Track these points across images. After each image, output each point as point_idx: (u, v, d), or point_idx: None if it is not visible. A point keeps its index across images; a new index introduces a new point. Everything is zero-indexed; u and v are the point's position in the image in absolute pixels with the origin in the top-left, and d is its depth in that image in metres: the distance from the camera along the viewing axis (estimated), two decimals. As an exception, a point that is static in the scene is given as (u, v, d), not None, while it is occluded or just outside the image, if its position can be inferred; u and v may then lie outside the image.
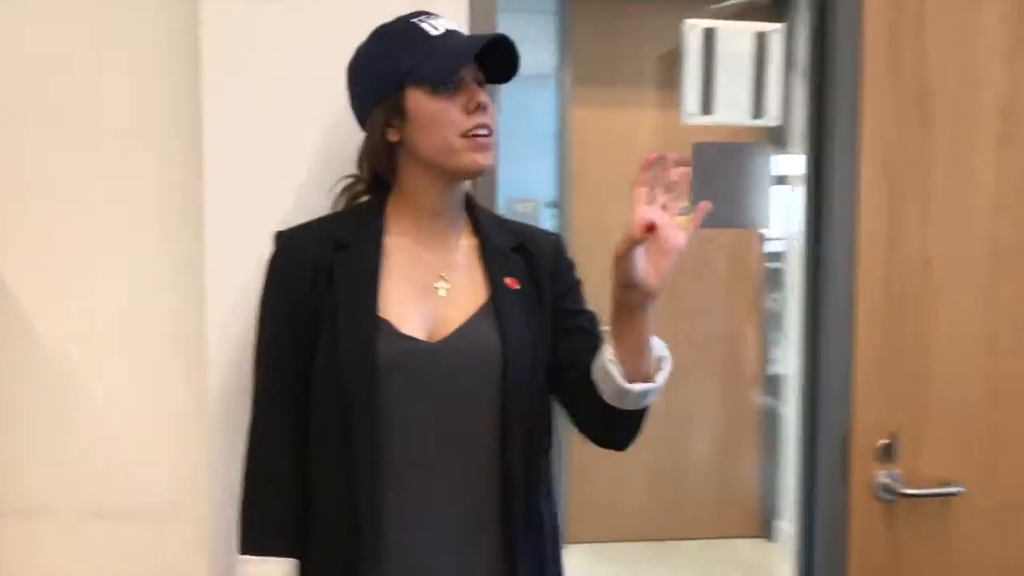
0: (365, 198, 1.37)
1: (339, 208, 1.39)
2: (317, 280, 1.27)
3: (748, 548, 4.53)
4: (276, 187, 1.51)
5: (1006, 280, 1.78)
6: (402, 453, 1.24)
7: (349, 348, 1.23)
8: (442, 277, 1.31)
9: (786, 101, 1.87)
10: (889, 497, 1.76)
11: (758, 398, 4.49)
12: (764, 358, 4.49)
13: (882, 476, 1.77)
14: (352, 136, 1.43)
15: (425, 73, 1.23)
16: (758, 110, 1.77)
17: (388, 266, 1.28)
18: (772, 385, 4.50)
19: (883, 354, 1.76)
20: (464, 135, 1.24)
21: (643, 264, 1.12)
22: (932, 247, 1.75)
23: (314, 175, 1.51)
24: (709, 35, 1.74)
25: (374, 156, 1.30)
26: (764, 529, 4.66)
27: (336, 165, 1.47)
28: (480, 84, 1.28)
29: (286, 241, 1.32)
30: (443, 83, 1.24)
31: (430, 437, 1.25)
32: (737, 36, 1.73)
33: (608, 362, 1.19)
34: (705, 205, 1.15)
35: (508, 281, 1.31)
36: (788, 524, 4.56)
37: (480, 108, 1.25)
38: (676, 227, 1.13)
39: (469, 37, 1.27)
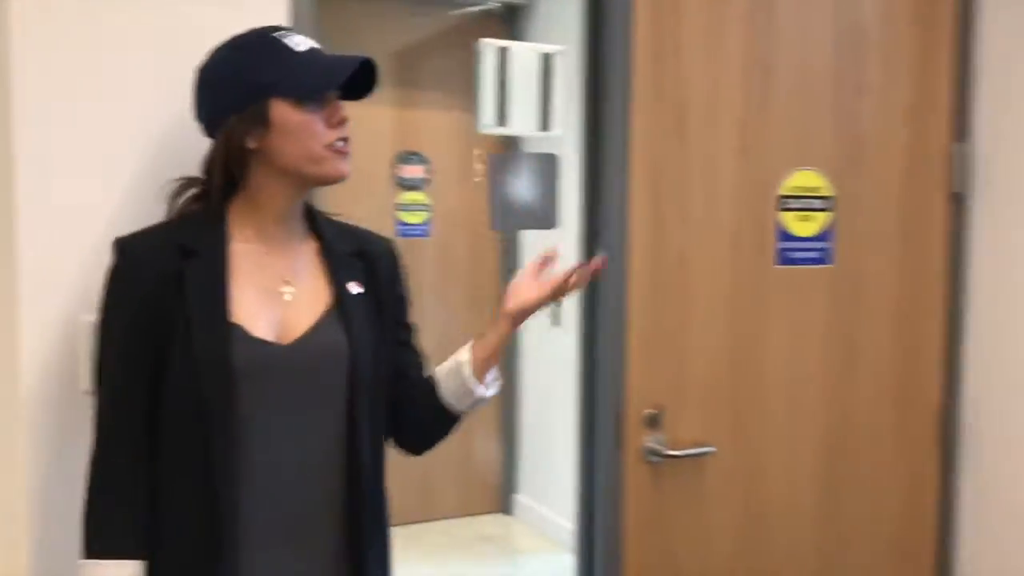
0: (193, 201, 1.40)
1: (173, 211, 1.41)
2: (165, 287, 1.29)
3: (491, 523, 4.82)
4: (96, 188, 1.50)
5: (744, 270, 2.11)
6: (257, 453, 1.31)
7: (204, 354, 1.27)
8: (287, 282, 1.38)
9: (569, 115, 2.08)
10: (656, 459, 2.03)
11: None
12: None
13: (649, 441, 2.03)
14: (178, 139, 1.46)
15: (294, 88, 1.30)
16: (545, 123, 1.97)
17: (235, 272, 1.33)
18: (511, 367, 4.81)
19: (650, 337, 2.02)
20: (327, 146, 1.33)
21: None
22: (688, 243, 2.04)
23: (138, 177, 1.51)
24: (503, 54, 1.91)
25: (229, 161, 1.33)
26: (504, 504, 4.97)
27: (160, 167, 1.49)
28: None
29: (129, 248, 1.33)
30: (311, 98, 1.31)
31: (283, 436, 1.33)
32: (526, 55, 1.91)
33: (465, 363, 1.43)
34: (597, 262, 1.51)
35: (350, 285, 1.41)
36: (525, 497, 4.90)
37: (342, 122, 1.34)
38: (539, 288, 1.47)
39: (338, 57, 1.34)
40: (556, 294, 1.46)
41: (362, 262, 1.44)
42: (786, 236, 2.12)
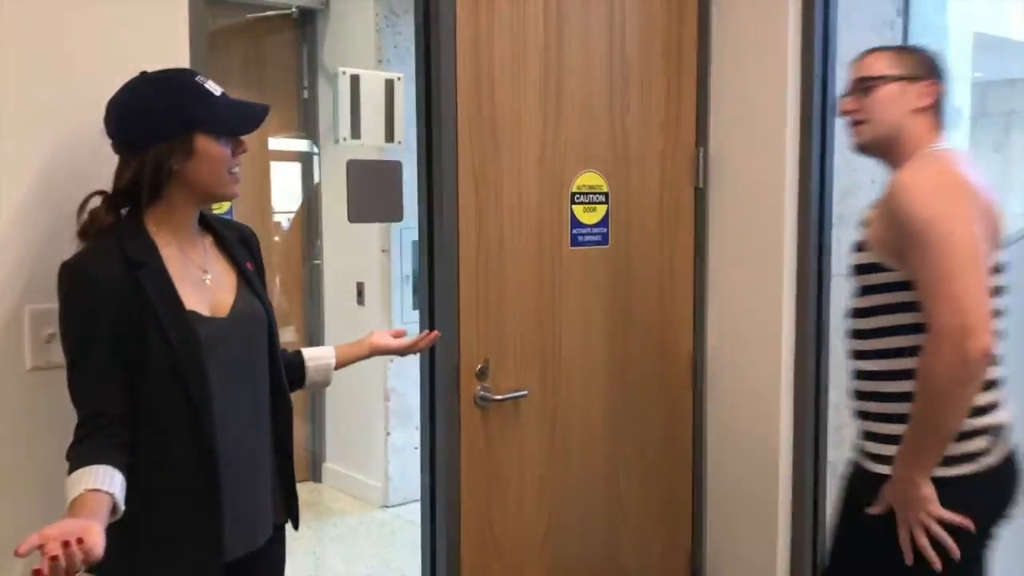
0: (107, 212, 1.65)
1: (82, 220, 1.66)
2: (124, 296, 1.57)
3: (303, 491, 5.18)
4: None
5: (547, 252, 2.67)
6: (221, 405, 1.64)
7: (177, 338, 1.59)
8: (204, 270, 1.71)
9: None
10: (484, 404, 2.55)
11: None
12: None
13: (479, 390, 2.54)
14: (60, 154, 1.76)
15: (218, 126, 1.63)
16: (390, 136, 2.42)
17: (171, 269, 1.64)
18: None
19: (477, 304, 2.54)
20: (229, 171, 1.68)
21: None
22: (503, 229, 2.57)
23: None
24: (355, 80, 2.35)
25: (151, 182, 1.61)
26: (315, 473, 5.36)
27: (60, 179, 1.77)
28: None
29: (85, 269, 1.58)
30: (230, 135, 1.66)
31: (232, 389, 1.68)
32: (374, 81, 2.36)
33: (331, 367, 2.01)
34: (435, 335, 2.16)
35: (248, 265, 1.80)
36: (333, 464, 5.31)
37: (244, 152, 1.70)
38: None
39: (247, 104, 1.70)
40: (407, 351, 2.13)
41: (244, 246, 1.82)
42: (577, 224, 2.71)
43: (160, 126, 1.61)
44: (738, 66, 2.91)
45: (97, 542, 1.33)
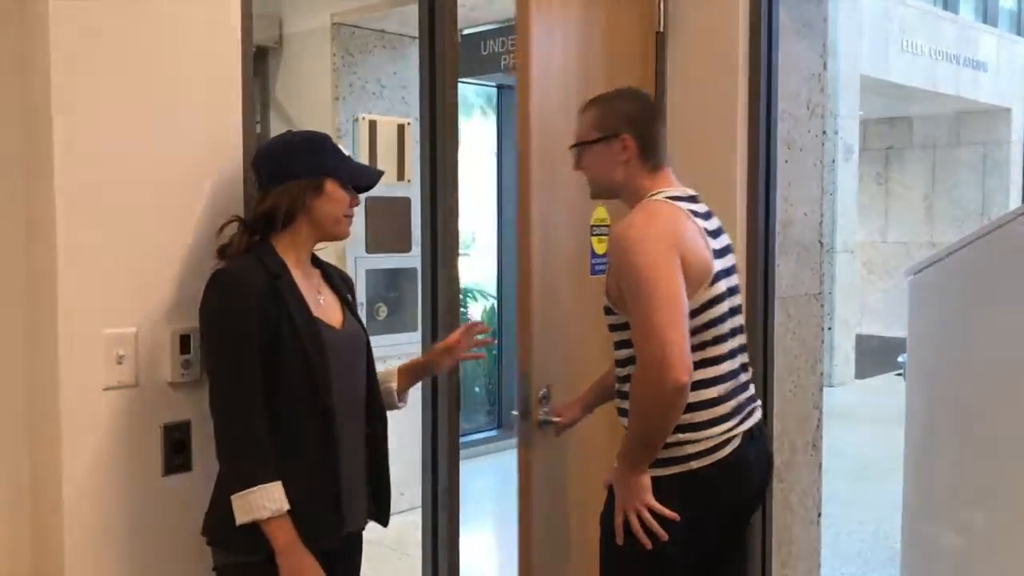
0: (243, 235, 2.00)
1: (221, 239, 1.99)
2: (266, 299, 1.90)
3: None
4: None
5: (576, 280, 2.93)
6: (336, 396, 1.96)
7: (309, 338, 1.93)
8: (319, 292, 2.05)
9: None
10: (545, 425, 2.74)
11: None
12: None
13: (543, 413, 2.75)
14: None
15: (345, 176, 2.01)
16: (401, 173, 2.68)
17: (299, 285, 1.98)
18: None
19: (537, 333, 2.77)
20: (345, 215, 2.04)
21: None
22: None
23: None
24: (373, 124, 2.60)
25: (287, 210, 1.96)
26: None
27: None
28: None
29: (238, 276, 1.90)
30: (353, 185, 2.03)
31: (344, 388, 2.00)
32: (388, 126, 2.61)
33: (392, 390, 2.23)
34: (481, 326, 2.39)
35: (349, 297, 2.14)
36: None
37: (357, 203, 2.06)
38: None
39: (366, 166, 2.11)
40: (463, 355, 2.31)
41: (345, 283, 2.17)
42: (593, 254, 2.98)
43: (300, 167, 1.98)
44: (691, 112, 3.26)
45: None
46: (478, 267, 6.98)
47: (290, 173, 1.97)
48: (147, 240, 2.00)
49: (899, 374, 3.78)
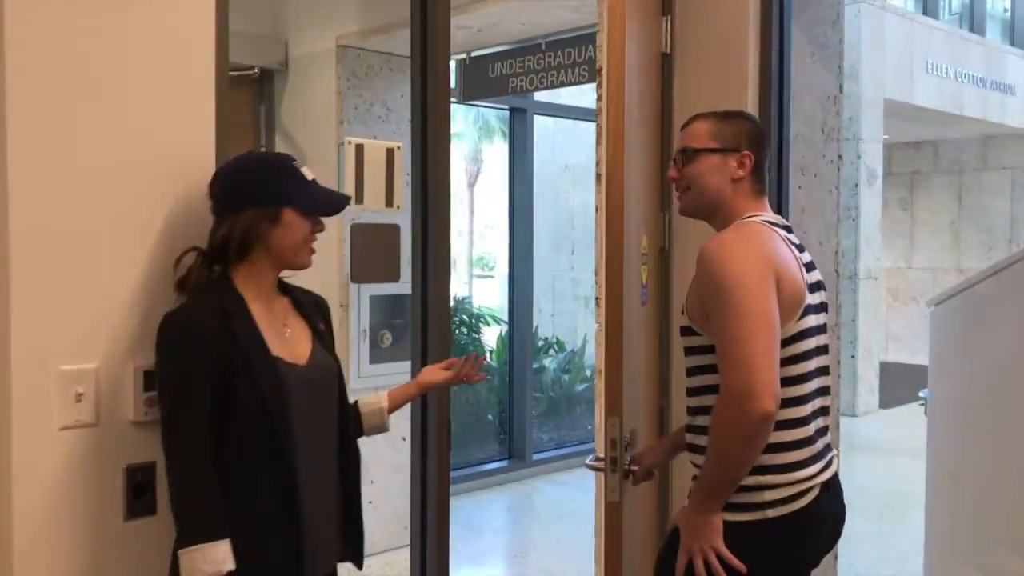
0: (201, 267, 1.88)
1: (179, 271, 1.88)
2: (220, 340, 1.79)
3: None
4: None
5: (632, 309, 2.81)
6: (298, 439, 1.83)
7: (265, 380, 1.79)
8: (285, 324, 1.92)
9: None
10: (628, 469, 2.47)
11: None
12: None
13: (626, 458, 2.43)
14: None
15: (305, 204, 1.88)
16: (390, 200, 2.57)
17: (257, 321, 1.85)
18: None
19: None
20: (306, 242, 1.90)
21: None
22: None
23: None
24: (359, 148, 2.50)
25: (241, 240, 1.84)
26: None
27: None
28: None
29: (189, 317, 1.80)
30: (313, 213, 1.88)
31: (309, 428, 1.87)
32: (376, 150, 2.51)
33: (384, 410, 2.12)
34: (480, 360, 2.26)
35: (319, 325, 1.98)
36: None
37: (321, 230, 1.91)
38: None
39: (331, 192, 1.96)
40: (456, 381, 2.21)
41: (318, 310, 2.02)
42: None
43: (256, 193, 1.85)
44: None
45: None
46: (492, 292, 6.88)
47: (245, 200, 1.85)
48: (107, 272, 1.90)
49: (922, 404, 3.62)
